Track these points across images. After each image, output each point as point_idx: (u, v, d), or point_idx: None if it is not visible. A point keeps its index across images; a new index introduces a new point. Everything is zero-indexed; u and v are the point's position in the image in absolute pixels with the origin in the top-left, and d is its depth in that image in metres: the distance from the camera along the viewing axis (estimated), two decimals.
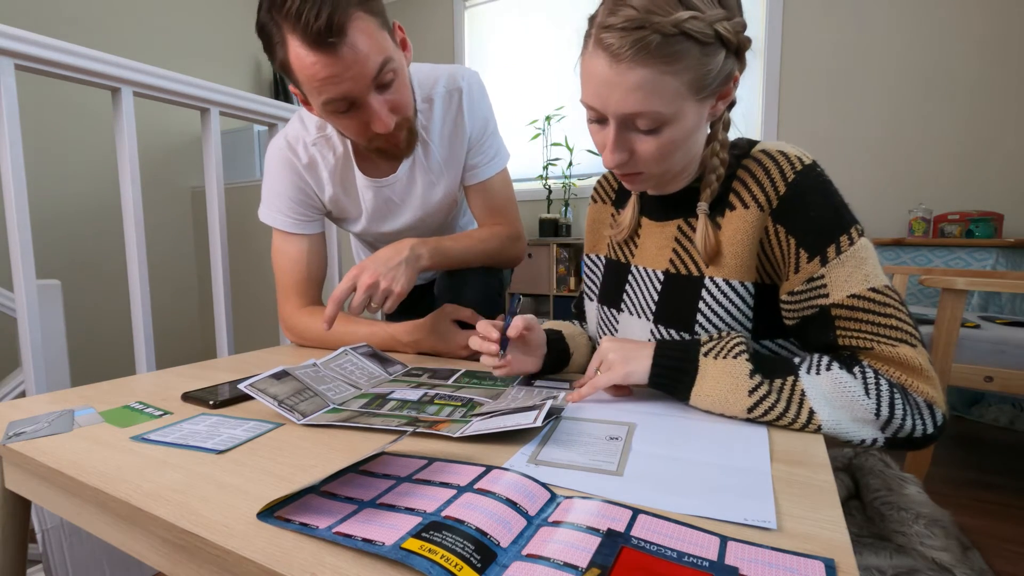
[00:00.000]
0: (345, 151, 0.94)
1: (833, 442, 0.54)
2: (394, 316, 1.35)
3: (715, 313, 0.64)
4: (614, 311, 0.78)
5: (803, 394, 0.54)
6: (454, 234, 0.98)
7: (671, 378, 0.59)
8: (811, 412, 0.53)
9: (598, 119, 0.59)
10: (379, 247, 1.11)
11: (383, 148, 0.86)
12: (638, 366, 0.60)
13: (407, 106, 0.83)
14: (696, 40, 0.51)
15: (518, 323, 0.65)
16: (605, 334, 0.80)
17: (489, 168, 1.00)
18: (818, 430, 0.53)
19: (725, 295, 0.64)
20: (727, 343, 0.59)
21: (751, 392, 0.54)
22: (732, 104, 0.62)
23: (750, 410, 0.54)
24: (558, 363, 0.77)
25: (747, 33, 0.56)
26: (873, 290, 0.55)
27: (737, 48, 0.55)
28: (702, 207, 0.64)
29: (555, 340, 0.76)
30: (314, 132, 0.93)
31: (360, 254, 1.27)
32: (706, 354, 0.59)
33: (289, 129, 0.96)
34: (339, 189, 0.97)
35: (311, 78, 0.71)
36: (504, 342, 0.66)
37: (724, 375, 0.56)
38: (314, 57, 0.69)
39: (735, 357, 0.57)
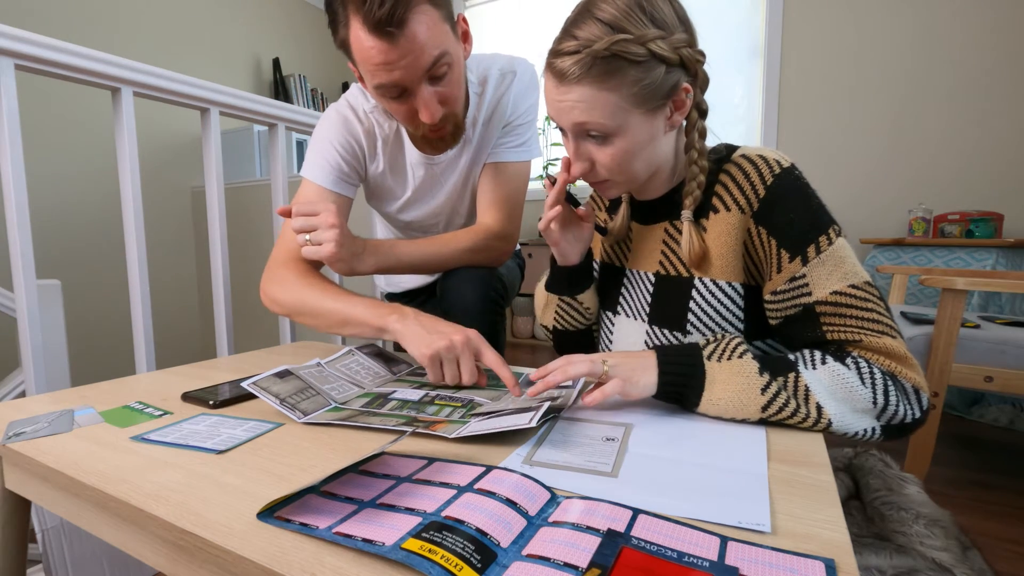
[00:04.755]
0: (398, 126, 0.95)
1: (833, 442, 0.54)
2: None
3: (706, 313, 0.66)
4: (610, 314, 0.79)
5: (807, 389, 0.54)
6: (419, 239, 0.95)
7: (680, 385, 0.57)
8: (819, 407, 0.53)
9: (563, 132, 0.64)
10: (408, 233, 1.11)
11: (427, 137, 0.87)
12: (645, 378, 0.58)
13: (456, 100, 0.83)
14: (628, 60, 0.56)
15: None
16: (603, 337, 0.82)
17: (511, 153, 0.98)
18: (828, 426, 0.53)
19: (714, 295, 0.65)
20: (727, 343, 0.59)
21: (763, 390, 0.54)
22: (704, 113, 0.64)
23: (764, 408, 0.53)
24: (585, 275, 0.79)
25: (745, 36, 0.57)
26: (853, 287, 0.57)
27: (681, 63, 0.58)
28: (686, 215, 0.65)
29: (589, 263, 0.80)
30: (372, 102, 0.94)
31: (387, 236, 1.23)
32: (709, 357, 0.58)
33: (350, 97, 0.96)
34: (387, 164, 0.98)
35: (366, 61, 0.73)
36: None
37: (734, 376, 0.55)
38: (372, 42, 0.71)
39: (740, 357, 0.56)
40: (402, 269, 0.91)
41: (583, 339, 0.86)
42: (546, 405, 0.53)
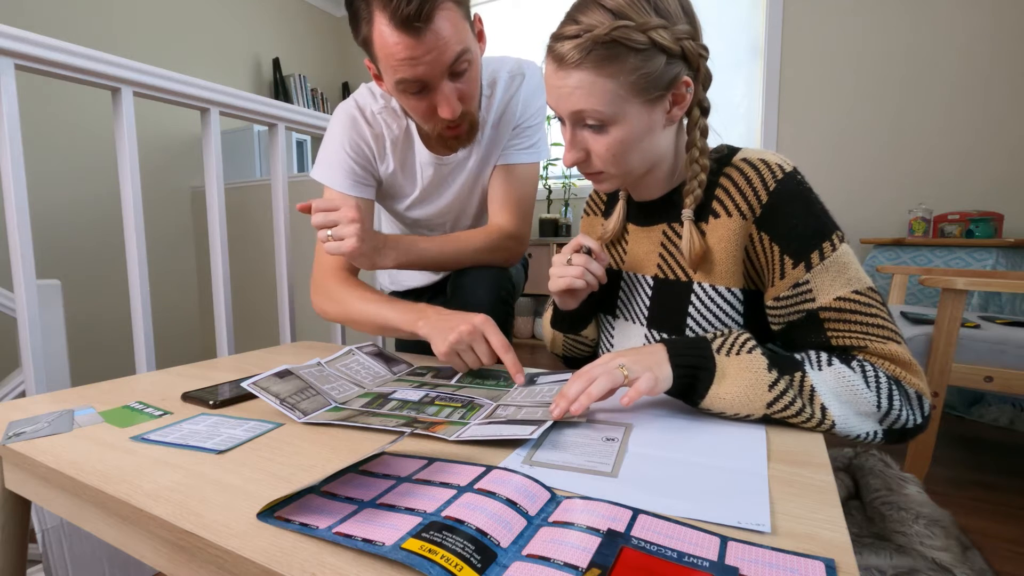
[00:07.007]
0: (408, 125, 0.96)
1: (833, 442, 0.54)
2: None
3: (705, 318, 0.65)
4: (610, 317, 0.79)
5: (812, 390, 0.53)
6: (437, 236, 0.97)
7: (691, 377, 0.56)
8: (823, 408, 0.53)
9: (560, 121, 0.64)
10: (415, 230, 1.12)
11: (443, 135, 0.87)
12: (661, 372, 0.55)
13: (473, 98, 0.84)
14: (628, 46, 0.55)
15: None
16: (603, 341, 0.82)
17: (522, 154, 0.99)
18: (831, 427, 0.53)
19: (713, 300, 0.65)
20: (735, 338, 0.58)
21: (771, 387, 0.53)
22: (706, 111, 0.63)
23: (770, 405, 0.53)
24: (587, 315, 0.79)
25: (745, 36, 0.56)
26: (857, 292, 0.57)
27: (683, 55, 0.58)
28: (686, 214, 0.65)
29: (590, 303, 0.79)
30: (381, 102, 0.95)
31: (393, 231, 1.24)
32: (718, 350, 0.57)
33: (359, 97, 0.97)
34: (397, 164, 0.99)
35: (390, 56, 0.74)
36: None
37: (743, 371, 0.54)
38: (397, 38, 0.72)
39: (749, 352, 0.56)
40: (421, 265, 0.93)
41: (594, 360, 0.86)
42: (550, 422, 0.53)
